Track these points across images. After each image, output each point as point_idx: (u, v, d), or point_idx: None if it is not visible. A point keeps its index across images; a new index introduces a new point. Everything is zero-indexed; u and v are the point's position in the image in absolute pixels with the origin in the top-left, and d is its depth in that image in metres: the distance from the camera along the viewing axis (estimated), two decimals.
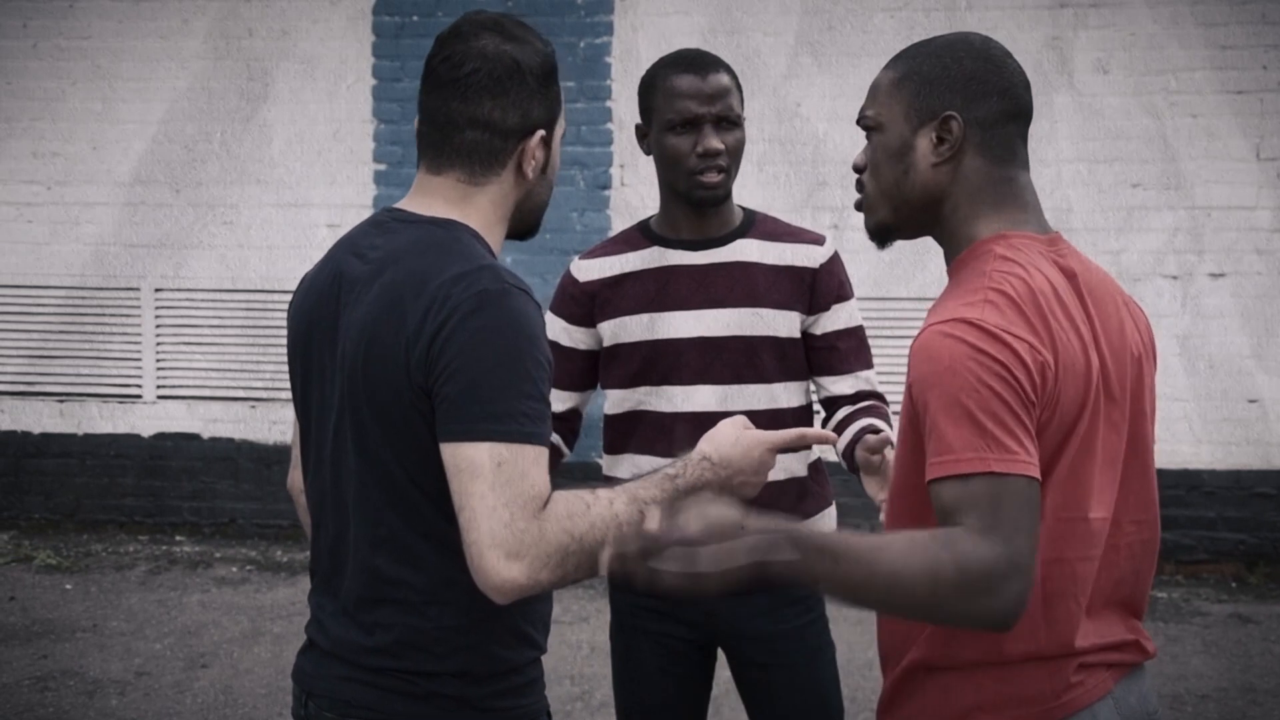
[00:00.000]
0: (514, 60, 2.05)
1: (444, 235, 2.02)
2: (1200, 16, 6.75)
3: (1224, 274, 6.84)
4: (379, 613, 2.03)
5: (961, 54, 2.00)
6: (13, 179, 7.52)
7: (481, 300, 1.91)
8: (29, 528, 7.56)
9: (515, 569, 1.84)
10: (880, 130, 2.03)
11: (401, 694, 2.02)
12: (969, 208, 2.00)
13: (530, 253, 7.13)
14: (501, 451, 1.87)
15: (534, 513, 1.87)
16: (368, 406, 1.99)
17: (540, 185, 2.13)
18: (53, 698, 5.17)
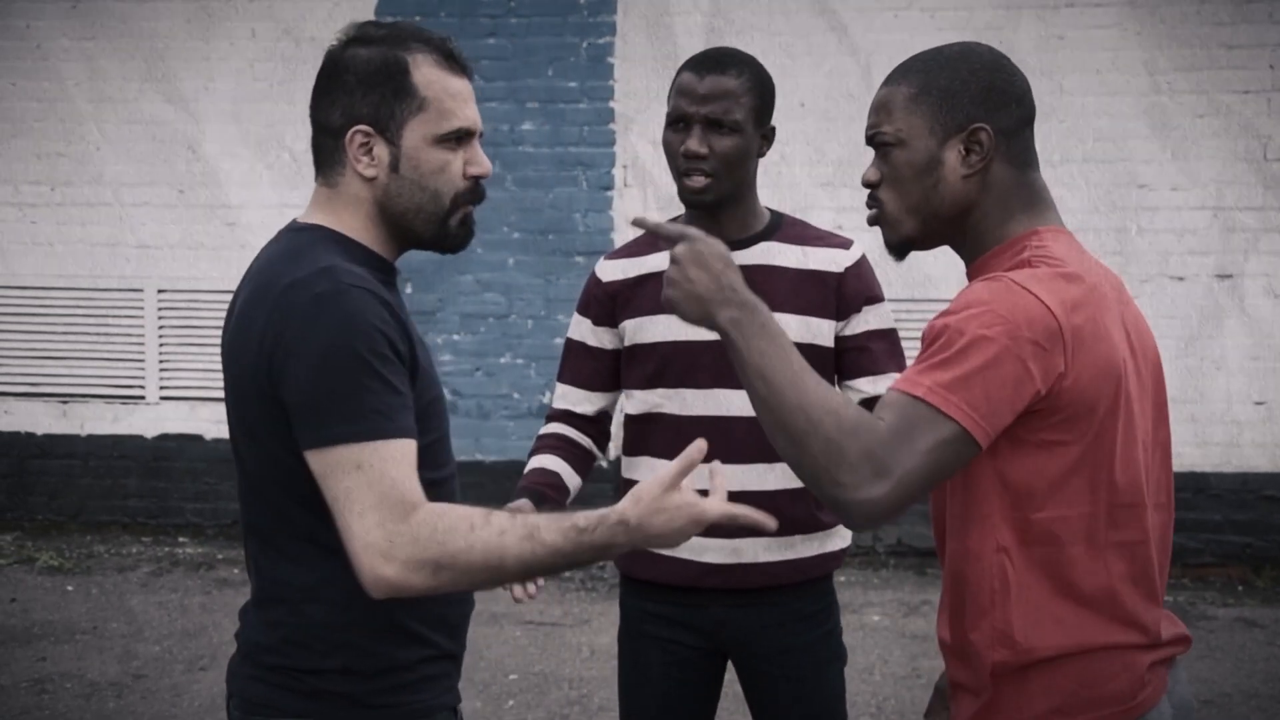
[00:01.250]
0: (335, 60, 2.08)
1: (300, 241, 2.05)
2: (1207, 16, 6.71)
3: (1230, 275, 6.79)
4: (271, 612, 2.07)
5: (976, 65, 2.02)
6: (16, 180, 7.52)
7: (316, 304, 1.93)
8: (32, 529, 7.56)
9: (388, 569, 1.87)
10: (901, 146, 2.03)
11: (292, 691, 2.05)
12: (999, 213, 2.03)
13: (535, 254, 7.12)
14: (358, 453, 1.89)
15: (403, 515, 1.88)
16: (238, 418, 2.04)
17: (398, 185, 2.06)
18: (50, 700, 5.16)
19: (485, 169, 2.12)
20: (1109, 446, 1.94)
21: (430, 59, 2.07)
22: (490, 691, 5.30)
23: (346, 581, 1.96)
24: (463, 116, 2.08)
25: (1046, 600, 1.93)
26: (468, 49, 7.62)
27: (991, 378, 1.82)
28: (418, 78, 2.05)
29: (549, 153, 7.08)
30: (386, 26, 2.11)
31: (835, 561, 2.90)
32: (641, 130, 7.09)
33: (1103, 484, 1.94)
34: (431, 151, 2.06)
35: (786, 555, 2.82)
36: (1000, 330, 1.83)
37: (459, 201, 2.09)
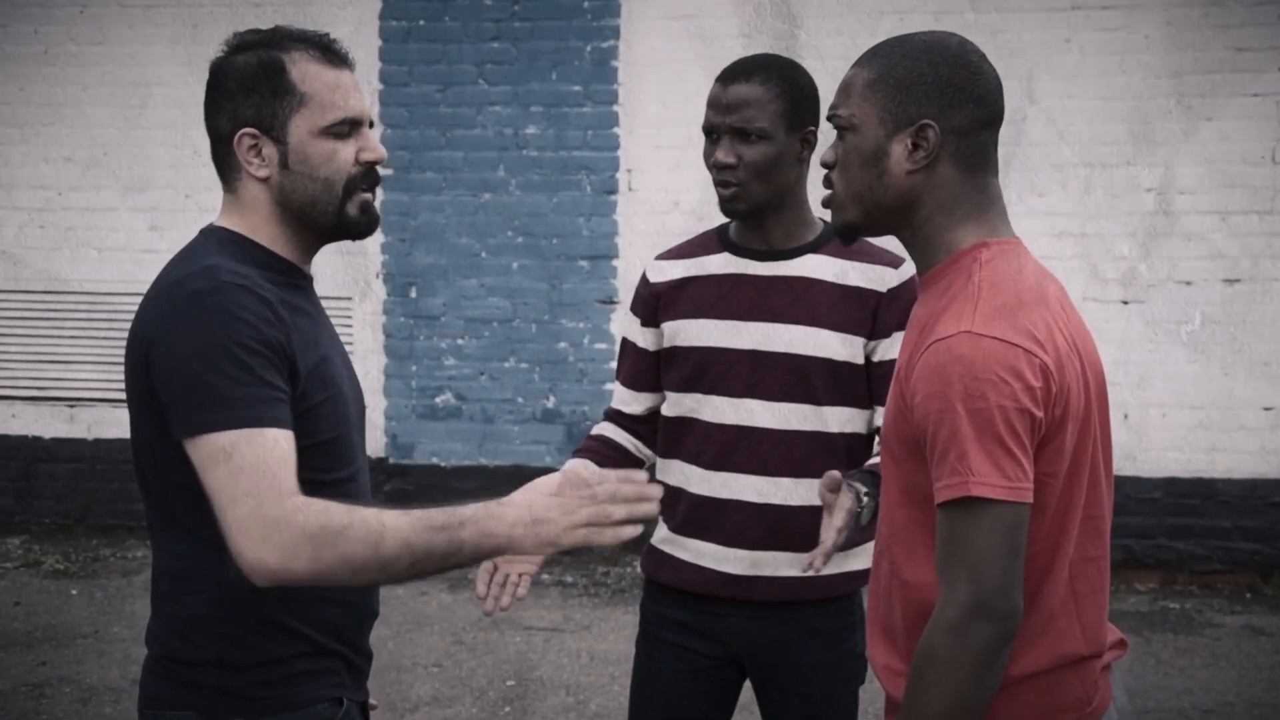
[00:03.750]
0: (218, 70, 2.18)
1: (196, 243, 2.15)
2: (1215, 18, 6.65)
3: (1239, 279, 6.73)
4: (159, 604, 2.14)
5: (938, 58, 1.98)
6: (24, 184, 7.54)
7: (191, 299, 2.00)
8: (40, 532, 7.58)
9: (265, 552, 1.90)
10: (853, 131, 2.01)
11: (174, 682, 2.10)
12: (945, 216, 1.98)
13: (538, 258, 7.10)
14: (229, 439, 1.93)
15: (278, 499, 1.91)
16: (130, 406, 2.11)
17: (291, 181, 2.13)
18: (48, 705, 5.18)
19: (379, 154, 2.18)
20: (1082, 466, 1.93)
21: (307, 55, 2.14)
22: (486, 698, 5.29)
23: (221, 573, 2.01)
24: (345, 106, 2.14)
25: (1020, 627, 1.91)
26: (472, 53, 7.62)
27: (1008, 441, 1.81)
28: (295, 74, 2.12)
29: (552, 156, 7.06)
30: (264, 32, 2.20)
31: (858, 581, 2.86)
32: (645, 134, 7.07)
33: (1075, 506, 1.93)
34: (318, 143, 2.12)
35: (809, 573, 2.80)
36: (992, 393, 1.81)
37: (352, 187, 2.15)
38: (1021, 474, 1.82)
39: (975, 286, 1.91)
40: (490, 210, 7.14)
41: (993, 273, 1.93)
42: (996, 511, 1.81)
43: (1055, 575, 1.93)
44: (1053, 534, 1.92)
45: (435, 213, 7.17)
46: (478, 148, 7.10)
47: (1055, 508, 1.91)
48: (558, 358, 7.12)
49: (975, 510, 1.81)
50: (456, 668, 5.61)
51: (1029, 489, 1.83)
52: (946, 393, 1.83)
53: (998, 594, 1.81)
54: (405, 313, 7.22)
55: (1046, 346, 1.86)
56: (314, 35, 2.17)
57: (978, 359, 1.82)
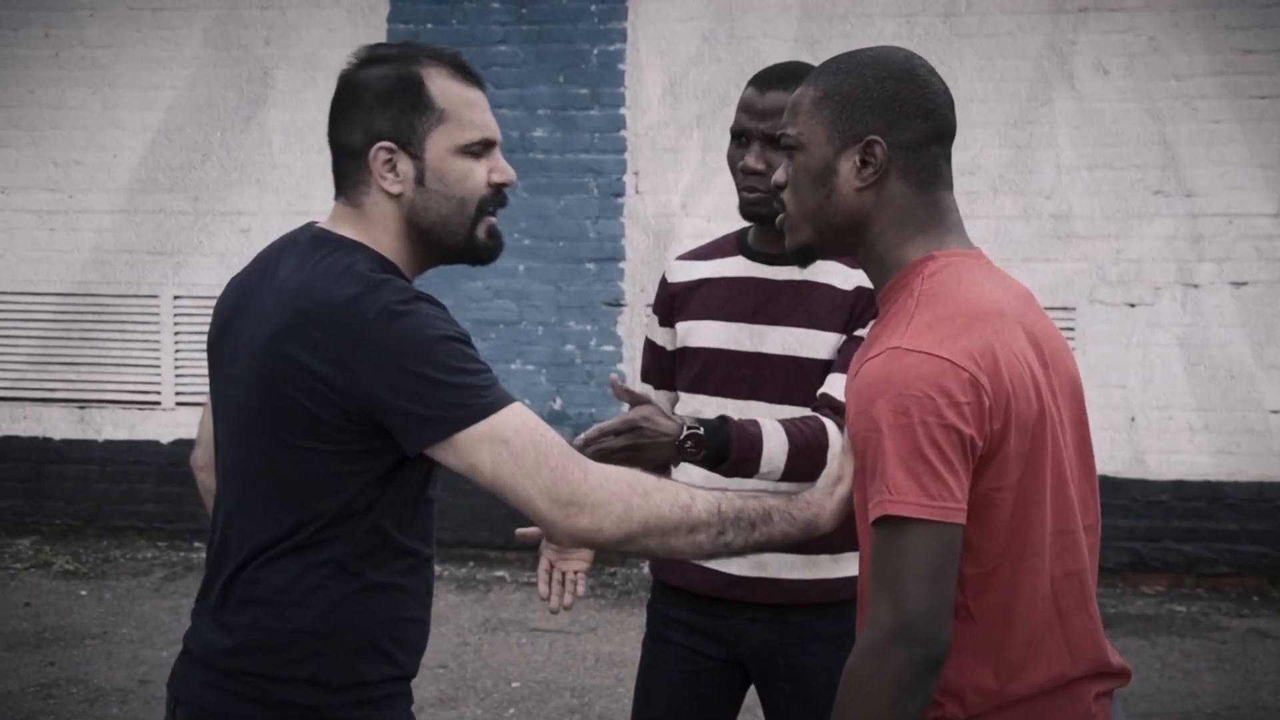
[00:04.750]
0: (353, 83, 2.10)
1: (347, 258, 2.04)
2: (1222, 20, 6.65)
3: (1246, 282, 6.73)
4: (242, 614, 2.06)
5: (884, 73, 1.95)
6: (34, 186, 7.58)
7: (390, 314, 1.95)
8: (50, 533, 7.62)
9: (577, 516, 1.93)
10: (801, 150, 1.98)
11: (253, 700, 2.04)
12: (895, 233, 1.95)
13: (545, 261, 7.12)
14: (496, 425, 1.94)
15: (574, 463, 1.95)
16: (267, 419, 2.03)
17: (425, 198, 2.08)
18: (55, 705, 5.21)
19: (509, 176, 2.14)
20: (1040, 477, 1.89)
21: (443, 72, 2.09)
22: (491, 699, 5.31)
23: (335, 591, 2.02)
24: (482, 126, 2.10)
25: (999, 649, 1.89)
26: (479, 56, 7.66)
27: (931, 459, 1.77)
28: (434, 90, 2.07)
29: (560, 159, 7.08)
30: (397, 46, 2.14)
31: None
32: (652, 137, 7.08)
33: (1037, 520, 1.89)
34: (455, 161, 2.08)
35: (811, 574, 2.79)
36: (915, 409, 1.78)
37: (483, 208, 2.11)
38: (947, 493, 1.77)
39: (914, 301, 1.89)
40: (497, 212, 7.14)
41: (933, 286, 1.90)
42: (920, 532, 1.76)
43: (1029, 594, 1.89)
44: (1012, 551, 1.87)
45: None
46: None
47: (1010, 522, 1.86)
48: (565, 360, 7.14)
49: (898, 530, 1.77)
50: (462, 669, 5.63)
51: (958, 509, 1.78)
52: (871, 411, 1.80)
53: (919, 619, 1.76)
54: None
55: (980, 359, 1.82)
56: (448, 52, 2.13)
57: (901, 375, 1.80)
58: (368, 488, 2.04)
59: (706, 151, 6.99)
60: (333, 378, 1.95)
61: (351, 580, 2.05)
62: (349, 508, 2.03)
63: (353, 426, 1.98)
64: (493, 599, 6.62)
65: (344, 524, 2.03)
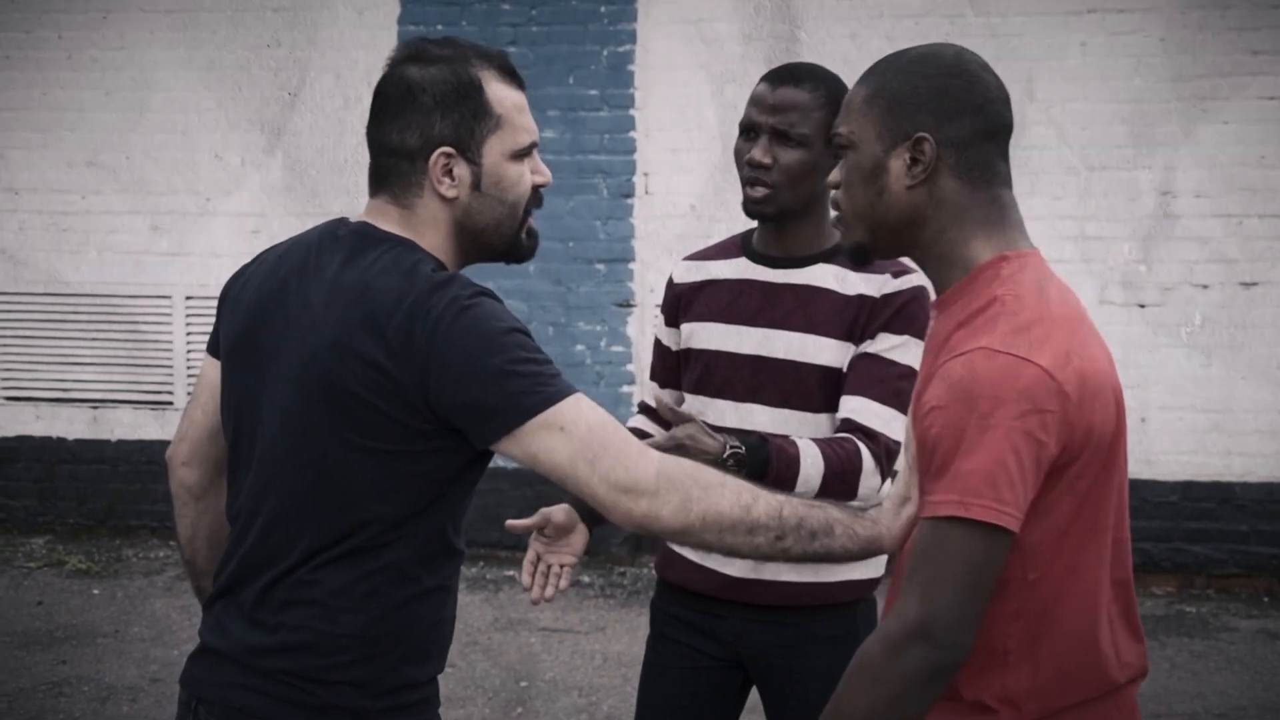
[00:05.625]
0: (408, 83, 2.06)
1: (409, 256, 2.03)
2: (1232, 21, 6.64)
3: (1256, 283, 6.72)
4: (286, 614, 2.03)
5: (932, 70, 1.94)
6: (47, 188, 7.62)
7: (459, 309, 1.96)
8: (63, 533, 7.66)
9: (637, 501, 1.94)
10: (853, 149, 1.97)
11: (293, 703, 2.02)
12: (956, 231, 1.93)
13: (555, 262, 7.13)
14: (556, 414, 1.95)
15: (635, 450, 1.96)
16: (326, 419, 2.00)
17: (480, 203, 2.07)
18: (65, 704, 5.23)
19: (548, 177, 2.17)
20: (1108, 485, 1.88)
21: (495, 74, 2.09)
22: (500, 698, 5.33)
23: (394, 595, 2.03)
24: (530, 129, 2.12)
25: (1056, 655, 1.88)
26: None
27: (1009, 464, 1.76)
28: (491, 95, 2.06)
29: (569, 160, 7.10)
30: (447, 44, 2.11)
31: (863, 589, 2.86)
32: (662, 138, 7.10)
33: (1102, 528, 1.89)
34: (510, 167, 2.09)
35: (807, 577, 2.80)
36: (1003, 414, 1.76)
37: (529, 210, 2.14)
38: (1014, 502, 1.76)
39: (998, 302, 1.86)
40: None
41: (1015, 288, 1.87)
42: (978, 538, 1.76)
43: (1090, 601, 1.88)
44: (1073, 558, 1.85)
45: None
46: None
47: (1073, 529, 1.85)
48: (574, 360, 7.15)
49: (956, 531, 1.76)
50: (470, 668, 5.65)
51: (1017, 518, 1.76)
52: (957, 408, 1.78)
53: (948, 622, 1.76)
54: None
55: (1068, 368, 1.80)
56: (495, 52, 2.12)
57: (992, 377, 1.78)
58: (429, 489, 2.03)
59: (716, 153, 7.00)
60: (404, 374, 1.95)
61: (408, 585, 2.05)
62: (409, 510, 2.02)
63: (421, 425, 1.97)
64: (502, 598, 6.64)
65: (404, 527, 2.02)
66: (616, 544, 7.09)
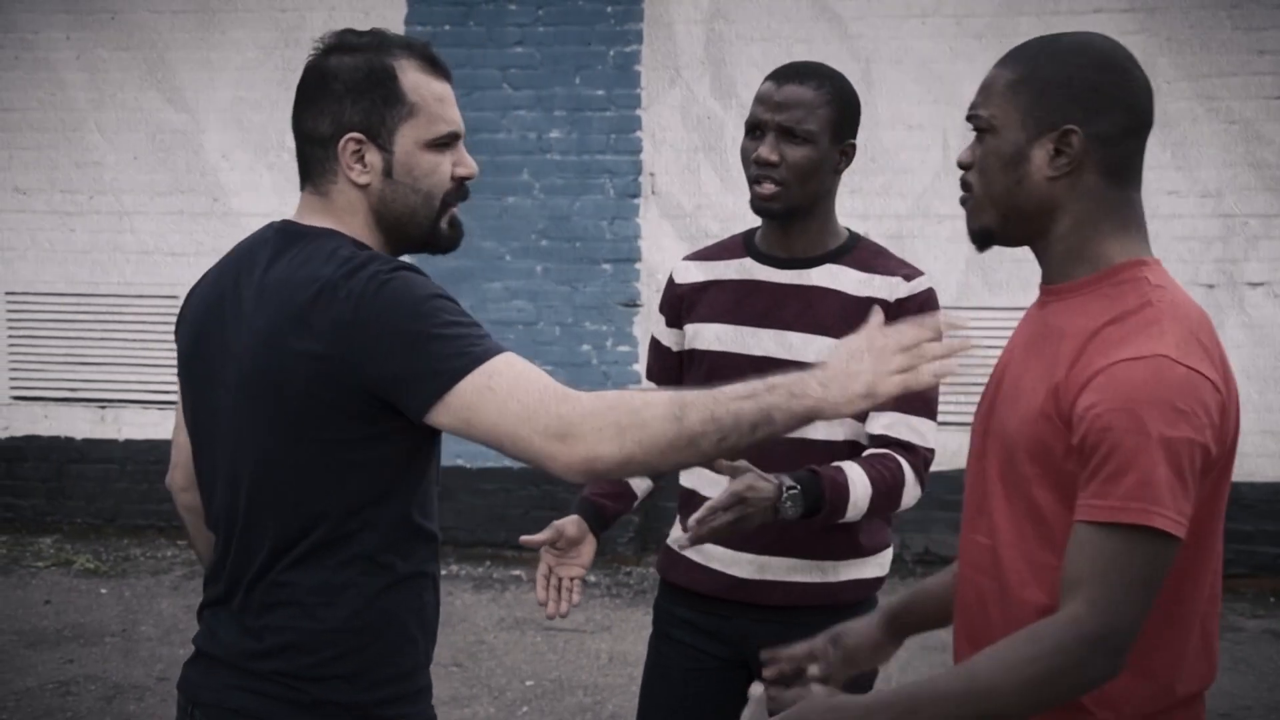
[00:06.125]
0: (323, 71, 2.09)
1: (326, 244, 2.05)
2: (1238, 21, 6.63)
3: (1263, 283, 6.71)
4: (271, 616, 2.05)
5: (1085, 61, 1.89)
6: (55, 188, 7.65)
7: (379, 282, 1.95)
8: (71, 532, 7.68)
9: (574, 447, 1.87)
10: (993, 133, 1.93)
11: (289, 702, 2.04)
12: (1090, 227, 1.91)
13: (561, 261, 7.15)
14: (481, 376, 1.90)
15: (561, 396, 1.89)
16: (274, 418, 2.01)
17: (393, 190, 2.09)
18: (73, 702, 5.25)
19: (472, 170, 2.15)
20: (1224, 491, 1.89)
21: (414, 64, 2.09)
22: (505, 698, 5.34)
23: (370, 585, 2.03)
24: (450, 120, 2.11)
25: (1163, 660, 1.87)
26: (496, 58, 7.66)
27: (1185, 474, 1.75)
28: (405, 83, 2.07)
29: (575, 160, 7.11)
30: (368, 34, 2.13)
31: (869, 589, 2.87)
32: (668, 138, 7.11)
33: (1218, 531, 1.90)
34: (423, 155, 2.09)
35: (814, 578, 2.81)
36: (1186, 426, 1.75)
37: (449, 201, 2.13)
38: (1187, 510, 1.76)
39: (1155, 308, 1.85)
40: (514, 214, 7.19)
41: (1171, 296, 1.87)
42: (1158, 546, 1.74)
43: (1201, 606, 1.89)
44: (1190, 565, 1.85)
45: (460, 216, 7.22)
46: (502, 152, 7.15)
47: (1204, 539, 1.86)
48: (581, 360, 7.16)
49: (1143, 541, 1.74)
50: (476, 667, 5.66)
51: (1186, 527, 1.76)
52: (1141, 414, 1.75)
53: (1125, 636, 1.75)
54: None
55: (1226, 380, 1.82)
56: (418, 43, 2.13)
57: (1177, 388, 1.76)
58: (381, 477, 2.04)
59: (722, 152, 7.01)
60: (334, 357, 1.95)
61: (383, 574, 2.06)
62: (365, 499, 2.03)
63: (360, 407, 1.97)
64: (508, 598, 6.65)
65: (364, 516, 2.03)
66: (623, 544, 7.11)
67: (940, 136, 6.86)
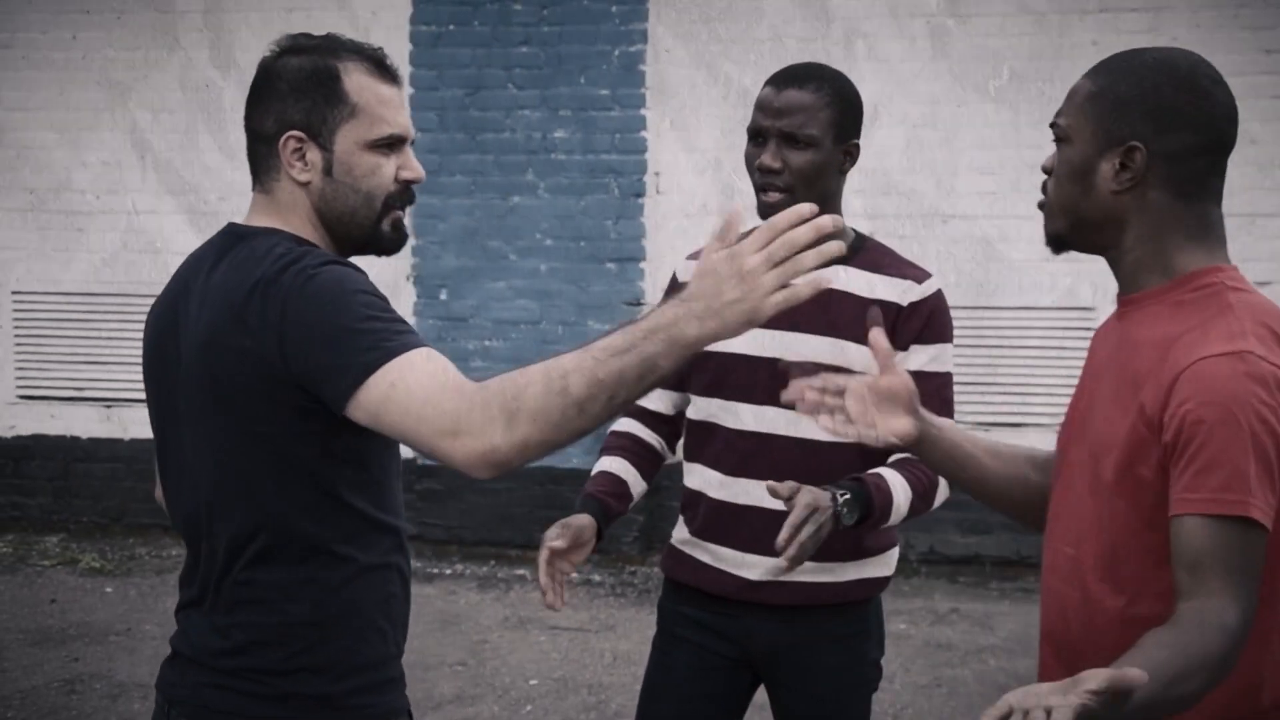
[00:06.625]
0: (269, 71, 2.14)
1: (264, 242, 2.08)
2: (1245, 20, 6.63)
3: (1268, 283, 6.69)
4: (237, 614, 2.08)
5: (1161, 79, 1.92)
6: (63, 188, 7.66)
7: (305, 275, 1.98)
8: (77, 531, 7.70)
9: (468, 443, 1.85)
10: (1067, 143, 1.99)
11: (258, 697, 2.07)
12: (1159, 240, 1.95)
13: (566, 261, 7.15)
14: (385, 375, 1.90)
15: (454, 391, 1.87)
16: (222, 416, 2.04)
17: (333, 189, 2.12)
18: (78, 700, 5.26)
19: (417, 174, 2.17)
20: None
21: (361, 67, 2.13)
22: (509, 696, 5.34)
23: (330, 578, 2.05)
24: (394, 122, 2.14)
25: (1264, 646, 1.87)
26: (501, 57, 7.67)
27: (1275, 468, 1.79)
28: (349, 84, 2.11)
29: (581, 160, 7.12)
30: (319, 37, 2.17)
31: (876, 587, 2.88)
32: (673, 137, 7.11)
33: None
34: (364, 156, 2.12)
35: (822, 578, 2.81)
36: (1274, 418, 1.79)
37: (390, 204, 2.15)
38: (1273, 502, 1.80)
39: (1234, 311, 1.88)
40: (519, 213, 7.19)
41: (1249, 298, 1.91)
42: (1253, 536, 1.78)
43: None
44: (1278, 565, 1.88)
45: (465, 215, 7.24)
46: (507, 151, 7.16)
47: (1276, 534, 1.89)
48: None
49: (1241, 531, 1.77)
50: (481, 666, 5.66)
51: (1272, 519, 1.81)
52: (1232, 408, 1.79)
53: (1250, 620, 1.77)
54: (435, 314, 7.29)
55: None
56: (368, 48, 2.16)
57: (1263, 382, 1.80)
58: (329, 469, 2.05)
59: (727, 151, 7.01)
60: (265, 351, 1.98)
61: (343, 566, 2.08)
62: (315, 492, 2.05)
63: (300, 403, 1.99)
64: (513, 597, 6.65)
65: (315, 511, 2.05)
66: (627, 543, 7.11)
67: None
